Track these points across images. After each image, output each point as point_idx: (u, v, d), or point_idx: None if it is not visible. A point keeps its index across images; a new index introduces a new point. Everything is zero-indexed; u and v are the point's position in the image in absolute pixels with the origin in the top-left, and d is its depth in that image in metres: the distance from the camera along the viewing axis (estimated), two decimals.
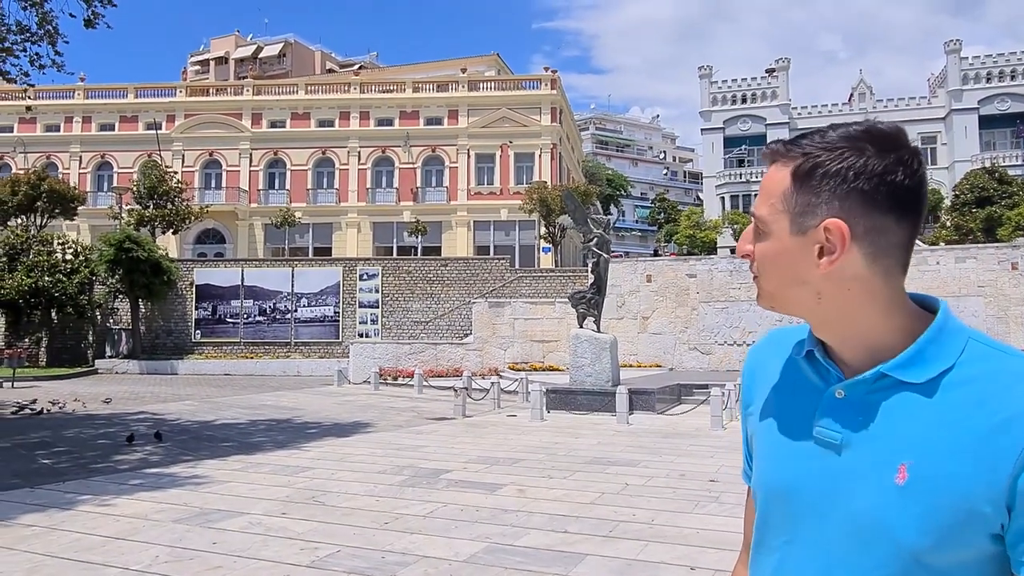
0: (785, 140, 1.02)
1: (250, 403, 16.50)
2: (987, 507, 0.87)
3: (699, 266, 23.53)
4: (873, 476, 0.94)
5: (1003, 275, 20.34)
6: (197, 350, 29.32)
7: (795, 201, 0.98)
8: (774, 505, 1.05)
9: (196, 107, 41.98)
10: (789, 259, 0.99)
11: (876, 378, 0.97)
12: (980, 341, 0.98)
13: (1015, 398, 0.89)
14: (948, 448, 0.90)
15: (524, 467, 8.45)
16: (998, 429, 0.88)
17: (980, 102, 45.91)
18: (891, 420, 0.95)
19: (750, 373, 1.20)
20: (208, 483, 7.49)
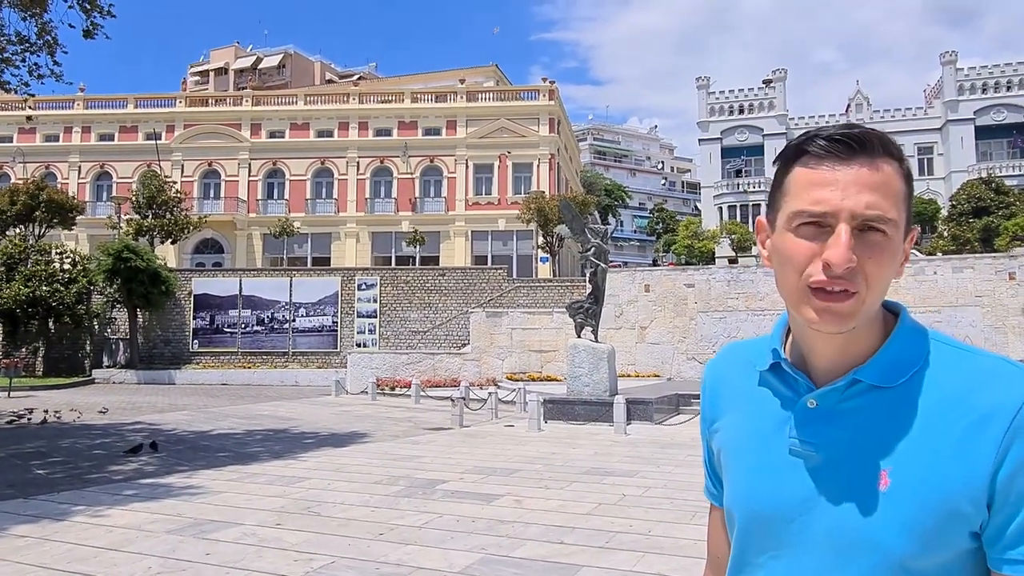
0: (880, 135, 0.95)
1: (247, 413, 16.45)
2: (968, 506, 0.88)
3: (697, 276, 23.55)
4: (855, 485, 0.93)
5: (1000, 285, 20.37)
6: (195, 360, 29.26)
7: (907, 205, 0.95)
8: (754, 522, 1.02)
9: (195, 117, 42.10)
10: (894, 269, 0.95)
11: (849, 384, 0.96)
12: (942, 341, 0.99)
13: (988, 395, 0.90)
14: (928, 450, 0.90)
15: (521, 477, 8.42)
16: (975, 427, 0.89)
17: (976, 113, 46.14)
18: (866, 427, 0.95)
19: (712, 388, 1.17)
20: (203, 493, 7.45)
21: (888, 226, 0.91)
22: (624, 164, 77.28)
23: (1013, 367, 0.92)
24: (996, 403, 0.89)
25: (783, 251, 0.95)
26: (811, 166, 0.94)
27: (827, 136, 0.93)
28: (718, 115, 51.61)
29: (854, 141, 0.92)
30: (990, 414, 0.89)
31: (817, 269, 0.91)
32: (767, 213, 1.03)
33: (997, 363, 0.94)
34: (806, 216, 0.92)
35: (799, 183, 0.94)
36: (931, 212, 42.87)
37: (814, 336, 0.98)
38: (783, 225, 0.96)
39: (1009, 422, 0.87)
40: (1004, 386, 0.90)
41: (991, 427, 0.88)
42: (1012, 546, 0.88)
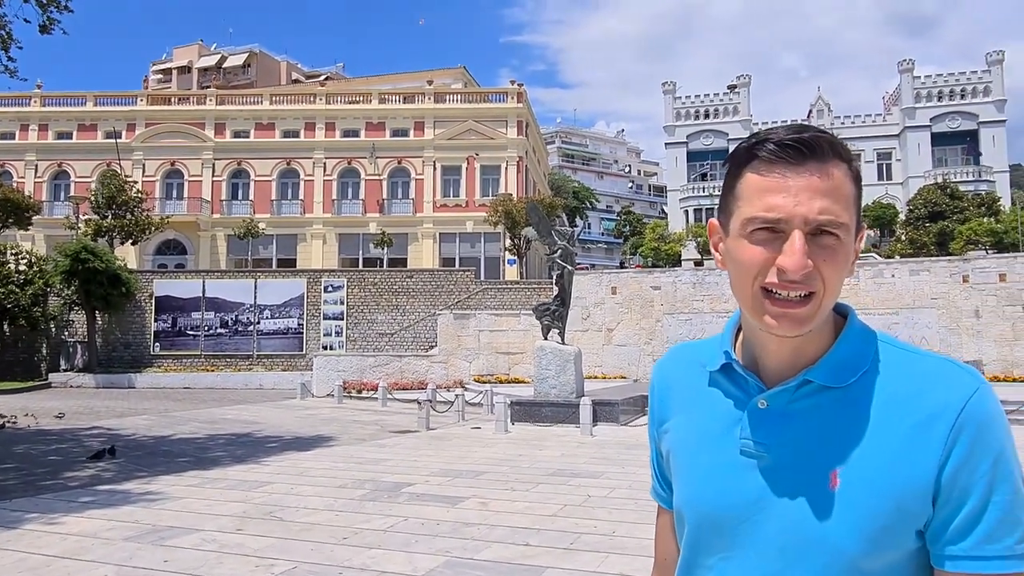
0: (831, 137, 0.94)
1: (210, 417, 16.18)
2: (916, 504, 0.89)
3: (663, 278, 23.79)
4: (806, 485, 0.93)
5: (955, 287, 20.95)
6: (156, 363, 28.68)
7: (857, 206, 0.96)
8: (705, 523, 1.01)
9: (158, 116, 41.29)
10: (847, 270, 0.95)
11: (799, 385, 0.97)
12: (889, 343, 1.00)
13: (934, 396, 0.92)
14: (876, 450, 0.91)
15: (487, 480, 8.41)
16: (921, 426, 0.91)
17: (932, 120, 47.39)
18: (815, 427, 0.95)
19: (661, 389, 1.16)
20: (162, 499, 7.31)
21: (841, 230, 0.91)
22: (592, 167, 77.76)
23: (957, 368, 0.95)
24: (941, 403, 0.91)
25: (738, 258, 0.96)
26: (762, 172, 0.93)
27: (777, 141, 0.93)
28: (684, 120, 52.23)
29: (804, 146, 0.91)
30: (936, 413, 0.90)
31: (772, 274, 0.92)
32: (719, 216, 1.02)
33: (942, 364, 0.95)
34: (760, 222, 0.92)
35: (751, 189, 0.94)
36: (890, 216, 43.93)
37: (768, 338, 0.98)
38: (737, 231, 0.95)
39: (953, 420, 0.89)
40: (949, 386, 0.92)
41: (937, 426, 0.90)
42: (954, 541, 0.89)
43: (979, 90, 46.92)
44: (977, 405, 0.90)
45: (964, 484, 0.88)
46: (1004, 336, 20.18)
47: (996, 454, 0.89)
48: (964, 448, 0.89)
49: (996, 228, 33.49)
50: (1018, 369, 19.75)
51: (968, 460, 0.89)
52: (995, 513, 0.88)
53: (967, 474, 0.88)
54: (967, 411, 0.90)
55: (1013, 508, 0.89)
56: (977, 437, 0.89)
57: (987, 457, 0.89)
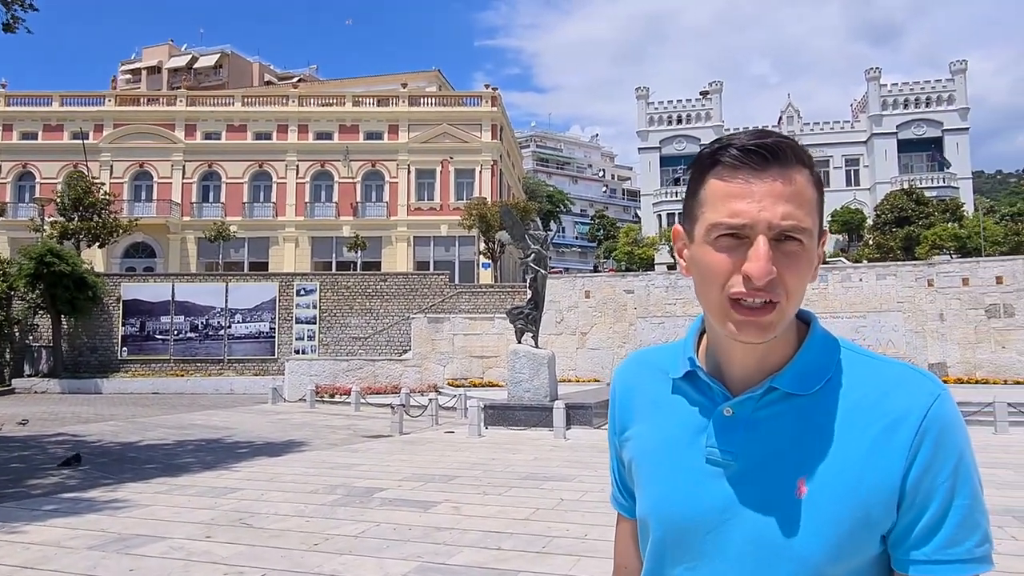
0: (792, 142, 0.95)
1: (179, 423, 15.93)
2: (881, 511, 0.90)
3: (636, 282, 23.95)
4: (773, 493, 0.93)
5: (920, 291, 21.38)
6: (123, 368, 28.17)
7: (819, 211, 0.95)
8: (670, 533, 1.00)
9: (126, 117, 40.61)
10: (810, 271, 0.95)
11: (765, 392, 0.96)
12: (850, 349, 1.00)
13: (897, 401, 0.92)
14: (842, 457, 0.91)
15: (459, 484, 8.40)
16: (886, 432, 0.91)
17: (899, 127, 48.37)
18: (784, 434, 0.95)
19: (622, 397, 1.14)
20: (128, 507, 7.18)
21: (804, 235, 0.91)
22: (566, 171, 78.10)
23: (919, 374, 0.96)
24: (904, 408, 0.91)
25: (703, 264, 0.95)
26: (726, 178, 0.93)
27: (740, 146, 0.92)
28: (657, 125, 52.69)
29: (767, 151, 0.91)
30: (899, 419, 0.91)
31: (738, 281, 0.91)
32: (682, 221, 1.01)
33: (903, 370, 0.96)
34: (724, 228, 0.92)
35: (715, 195, 0.93)
36: (857, 221, 44.71)
37: (733, 345, 0.98)
38: (701, 237, 0.95)
39: (917, 426, 0.90)
40: (911, 392, 0.93)
41: (901, 432, 0.91)
42: (917, 546, 0.90)
43: (943, 98, 48.02)
44: (939, 411, 0.91)
45: (927, 489, 0.89)
46: (967, 339, 20.64)
47: (957, 458, 0.91)
48: (927, 453, 0.90)
49: (960, 233, 34.25)
50: (980, 371, 20.20)
51: (931, 465, 0.90)
52: (956, 517, 0.89)
53: (930, 479, 0.89)
54: (930, 417, 0.91)
55: (972, 512, 0.90)
56: (939, 442, 0.90)
57: (949, 462, 0.90)
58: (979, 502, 0.91)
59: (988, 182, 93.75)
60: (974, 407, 13.74)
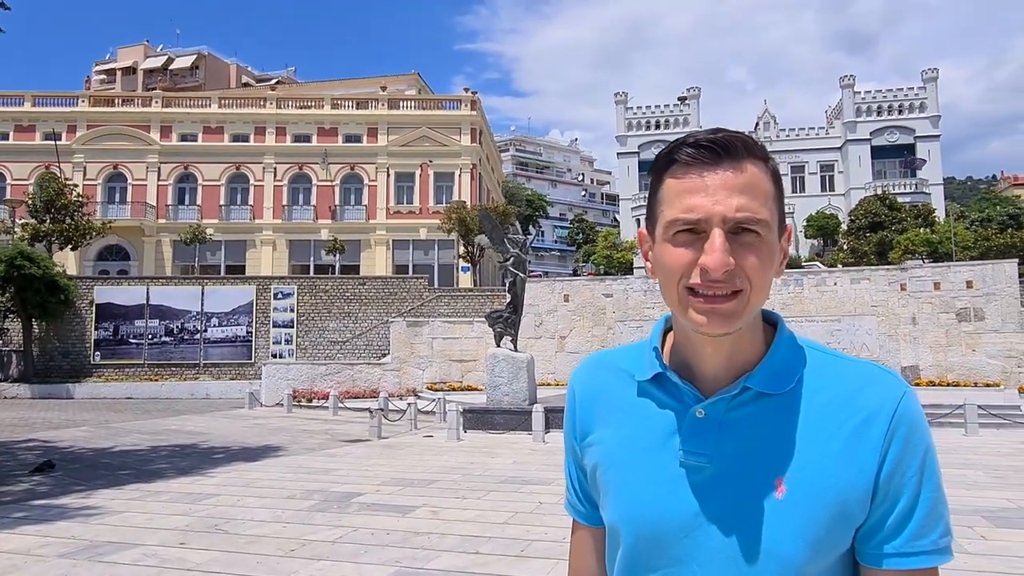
0: (746, 137, 0.94)
1: (153, 428, 15.71)
2: (857, 506, 0.91)
3: (615, 286, 24.06)
4: (750, 495, 0.92)
5: (893, 295, 21.72)
6: (96, 372, 27.72)
7: (777, 204, 0.96)
8: (644, 539, 0.98)
9: (100, 118, 40.02)
10: (773, 265, 0.94)
11: (736, 393, 0.96)
12: (816, 349, 1.01)
13: (867, 399, 0.93)
14: (818, 456, 0.92)
15: (438, 488, 8.37)
16: (859, 429, 0.92)
17: (872, 134, 49.11)
18: (758, 434, 0.95)
19: (583, 400, 1.11)
20: (101, 514, 7.07)
21: (760, 226, 0.91)
22: (545, 175, 78.28)
23: (884, 372, 0.97)
24: (876, 405, 0.93)
25: (663, 261, 0.95)
26: (679, 175, 0.94)
27: (693, 143, 0.93)
28: (635, 130, 53.03)
29: (718, 146, 0.92)
30: (871, 416, 0.92)
31: (696, 275, 0.91)
32: (646, 224, 1.01)
33: (870, 369, 0.97)
34: (680, 224, 0.92)
35: (671, 192, 0.94)
36: (832, 226, 45.32)
37: (703, 342, 0.97)
38: (661, 235, 0.96)
39: (888, 422, 0.92)
40: (880, 389, 0.94)
41: (873, 428, 0.92)
42: (888, 540, 0.91)
43: (915, 106, 48.86)
44: (907, 407, 0.93)
45: (898, 483, 0.91)
46: (939, 342, 21.00)
47: (923, 453, 0.93)
48: (898, 449, 0.91)
49: (931, 238, 34.83)
50: (952, 374, 20.56)
51: (902, 460, 0.91)
52: (923, 510, 0.91)
53: (901, 474, 0.91)
54: (899, 413, 0.92)
55: (936, 504, 0.92)
56: (909, 438, 0.92)
57: (917, 456, 0.92)
58: (942, 494, 0.94)
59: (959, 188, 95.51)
60: (946, 409, 13.98)
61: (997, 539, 5.81)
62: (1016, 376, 19.96)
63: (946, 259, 30.95)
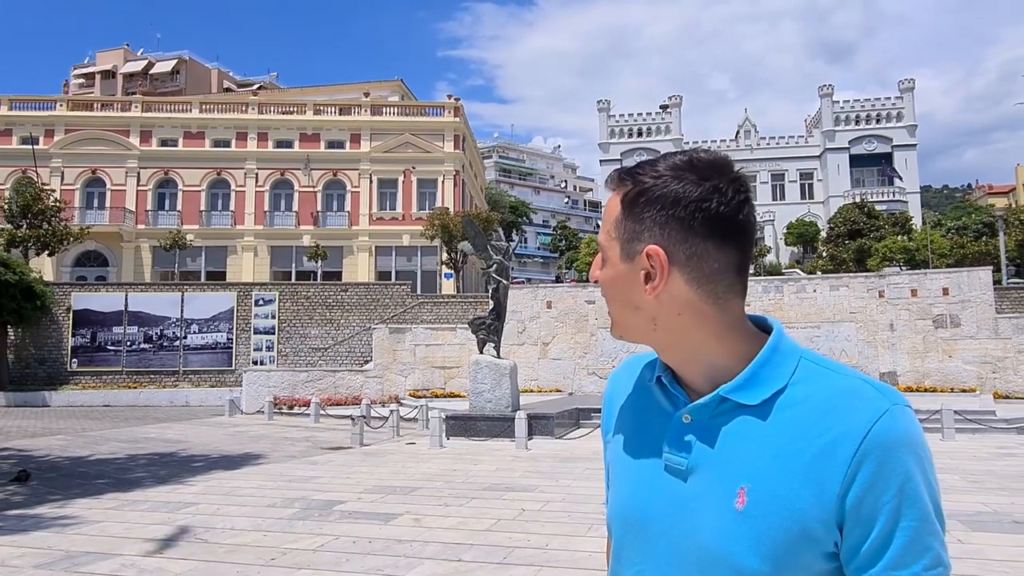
0: (624, 168, 1.03)
1: (131, 436, 15.51)
2: (819, 527, 0.89)
3: (597, 293, 24.09)
4: (715, 502, 0.94)
5: (871, 302, 21.99)
6: (73, 380, 27.32)
7: (624, 228, 1.00)
8: (627, 533, 1.03)
9: (79, 122, 39.59)
10: (623, 285, 1.00)
11: (717, 402, 0.97)
12: (811, 360, 0.99)
13: (840, 418, 0.91)
14: (782, 470, 0.91)
15: (420, 495, 8.34)
16: (826, 449, 0.90)
17: (851, 142, 49.84)
18: (731, 444, 0.96)
19: (609, 401, 1.18)
20: (78, 524, 6.97)
21: (600, 248, 1.03)
22: (528, 182, 78.48)
23: (872, 389, 0.93)
24: (846, 427, 0.90)
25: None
26: None
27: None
28: (618, 137, 53.38)
29: (610, 179, 1.05)
30: (840, 437, 0.90)
31: None
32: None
33: (857, 384, 0.94)
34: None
35: None
36: (812, 234, 45.87)
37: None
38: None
39: (857, 445, 0.88)
40: (857, 409, 0.91)
41: (839, 452, 0.89)
42: (864, 568, 0.89)
43: (893, 115, 49.64)
44: (884, 428, 0.89)
45: (869, 510, 0.88)
46: (916, 348, 21.28)
47: (903, 478, 0.88)
48: (868, 474, 0.88)
49: (909, 246, 35.33)
50: (929, 380, 20.83)
51: (873, 486, 0.88)
52: (902, 539, 0.87)
53: (872, 500, 0.88)
54: (872, 436, 0.89)
55: (921, 534, 0.88)
56: (883, 462, 0.88)
57: (893, 482, 0.88)
58: (929, 524, 0.89)
59: (935, 196, 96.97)
60: (923, 415, 14.16)
61: (973, 542, 5.91)
62: (991, 382, 20.28)
63: (923, 266, 31.40)
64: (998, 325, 20.64)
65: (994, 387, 20.06)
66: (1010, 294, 24.01)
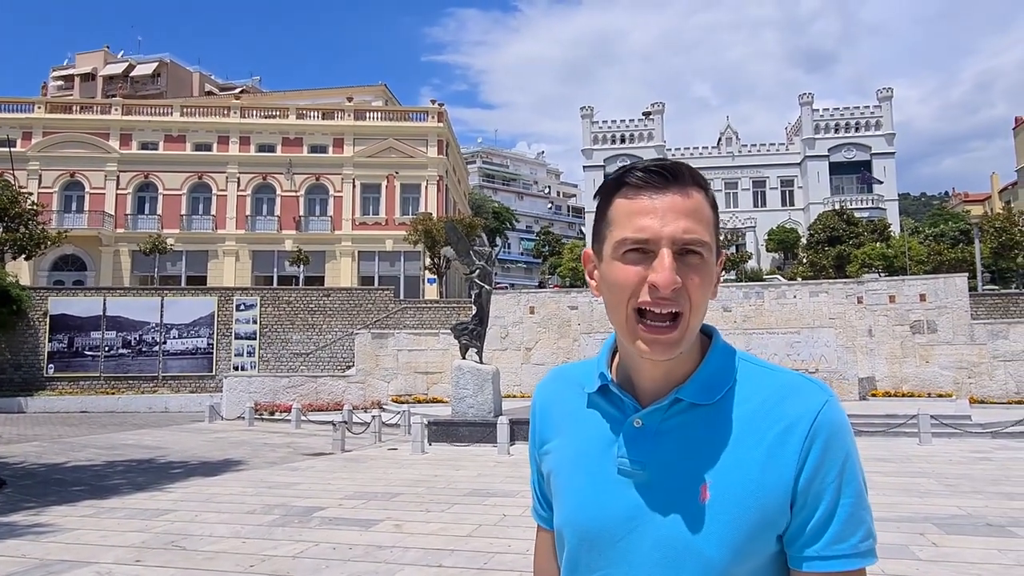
0: (689, 167, 1.01)
1: (109, 442, 15.32)
2: (777, 512, 0.96)
3: (580, 298, 24.21)
4: (679, 499, 0.98)
5: (850, 308, 22.24)
6: (50, 385, 26.94)
7: (716, 231, 1.02)
8: (583, 542, 1.03)
9: (57, 124, 39.12)
10: (711, 290, 1.00)
11: (671, 403, 1.02)
12: (747, 360, 1.07)
13: (789, 409, 0.99)
14: (742, 461, 0.97)
15: (402, 501, 8.32)
16: (781, 437, 0.97)
17: (830, 150, 50.37)
18: (689, 443, 1.00)
19: (542, 411, 1.18)
20: (53, 532, 6.88)
21: (704, 249, 0.97)
22: (512, 187, 78.58)
23: (808, 381, 1.02)
24: (797, 414, 0.98)
25: (612, 279, 1.00)
26: (631, 196, 0.99)
27: (643, 168, 0.99)
28: (601, 143, 53.59)
29: (668, 172, 0.98)
30: (792, 424, 0.97)
31: (645, 292, 0.96)
32: (592, 244, 1.07)
33: (795, 378, 1.03)
34: (630, 243, 0.97)
35: (621, 213, 0.99)
36: (792, 240, 46.27)
37: (642, 360, 1.02)
38: (610, 254, 1.00)
39: (807, 431, 0.96)
40: (802, 399, 0.99)
41: (793, 436, 0.97)
42: (809, 544, 0.96)
43: (871, 123, 50.26)
44: (827, 416, 0.98)
45: (817, 489, 0.95)
46: (894, 354, 21.54)
47: (843, 460, 0.97)
48: (817, 456, 0.96)
49: (887, 252, 35.77)
50: (906, 384, 21.08)
51: (820, 467, 0.96)
52: (842, 514, 0.95)
53: (819, 480, 0.96)
54: (819, 421, 0.97)
55: (857, 509, 0.96)
56: (828, 445, 0.96)
57: (836, 463, 0.96)
58: (863, 500, 0.98)
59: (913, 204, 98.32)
60: (900, 419, 14.34)
61: (948, 546, 5.99)
62: (967, 387, 20.57)
63: (901, 273, 31.80)
64: (974, 331, 20.94)
65: (970, 392, 20.35)
66: (985, 300, 24.40)
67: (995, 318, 22.60)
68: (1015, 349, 20.39)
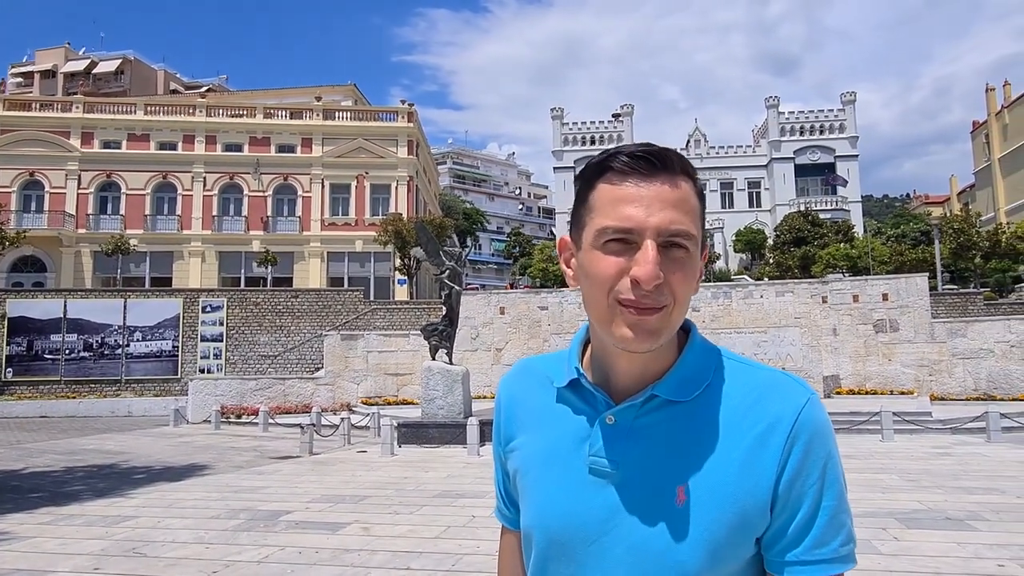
0: (678, 154, 0.94)
1: (69, 448, 14.95)
2: (757, 514, 0.91)
3: (550, 299, 24.27)
4: (653, 501, 0.93)
5: (815, 307, 22.62)
6: (8, 390, 26.24)
7: (702, 223, 0.96)
8: (553, 544, 0.98)
9: (15, 122, 38.10)
10: (695, 285, 0.94)
11: (646, 400, 0.96)
12: (729, 357, 1.02)
13: (770, 407, 0.94)
14: (719, 464, 0.92)
15: (370, 504, 8.24)
16: (760, 438, 0.93)
17: (796, 152, 51.21)
18: (663, 441, 0.95)
19: (507, 407, 1.12)
20: (8, 540, 6.68)
21: (690, 242, 0.91)
22: (483, 188, 78.50)
23: (790, 379, 0.98)
24: (777, 414, 0.93)
25: (591, 269, 0.93)
26: (615, 182, 0.92)
27: (629, 153, 0.92)
28: (571, 145, 53.84)
29: (655, 158, 0.91)
30: (772, 425, 0.93)
31: (626, 286, 0.89)
32: (571, 231, 1.00)
33: (776, 376, 0.98)
34: (612, 232, 0.90)
35: (604, 199, 0.92)
36: (759, 241, 46.93)
37: (618, 354, 0.96)
38: (590, 242, 0.93)
39: (788, 431, 0.92)
40: (783, 398, 0.94)
41: (773, 437, 0.92)
42: (790, 548, 0.92)
43: (835, 127, 51.20)
44: (808, 415, 0.93)
45: (799, 492, 0.91)
46: (858, 352, 21.95)
47: (824, 461, 0.92)
48: (798, 457, 0.91)
49: (851, 253, 36.42)
50: (870, 382, 21.50)
51: (802, 469, 0.91)
52: (824, 518, 0.91)
53: (801, 482, 0.91)
54: (800, 421, 0.92)
55: (838, 512, 0.92)
56: (809, 446, 0.92)
57: (817, 465, 0.92)
58: (844, 503, 0.94)
59: (876, 206, 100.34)
60: (863, 416, 14.62)
61: (908, 539, 6.10)
62: (928, 384, 21.04)
63: (864, 273, 32.42)
64: (934, 329, 21.43)
65: (931, 389, 20.82)
66: (945, 300, 24.98)
67: (954, 317, 23.16)
68: (973, 347, 20.92)
